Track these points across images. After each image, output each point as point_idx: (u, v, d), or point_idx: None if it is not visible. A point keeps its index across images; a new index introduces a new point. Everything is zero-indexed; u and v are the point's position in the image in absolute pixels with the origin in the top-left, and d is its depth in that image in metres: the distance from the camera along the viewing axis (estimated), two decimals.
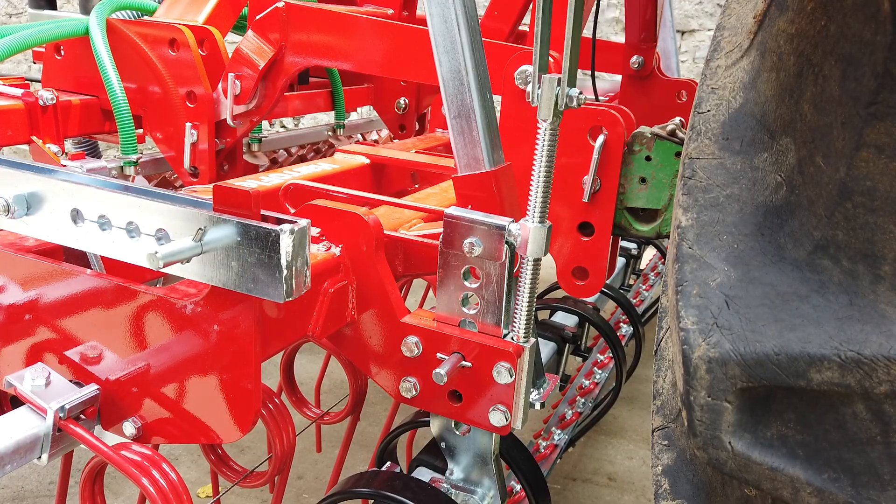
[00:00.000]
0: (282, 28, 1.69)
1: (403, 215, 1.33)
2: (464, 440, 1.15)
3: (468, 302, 1.01)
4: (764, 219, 0.80)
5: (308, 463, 2.39)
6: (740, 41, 0.90)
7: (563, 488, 2.40)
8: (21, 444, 0.96)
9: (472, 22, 1.05)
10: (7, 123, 1.70)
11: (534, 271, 0.94)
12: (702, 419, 0.76)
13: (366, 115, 2.97)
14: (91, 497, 1.08)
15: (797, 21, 0.80)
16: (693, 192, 0.85)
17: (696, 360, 0.76)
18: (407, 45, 1.56)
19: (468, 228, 0.97)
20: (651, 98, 2.31)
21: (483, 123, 1.07)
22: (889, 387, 0.68)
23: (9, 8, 6.84)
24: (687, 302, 0.78)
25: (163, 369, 1.02)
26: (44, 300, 1.08)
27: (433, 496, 1.11)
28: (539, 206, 0.92)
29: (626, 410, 2.85)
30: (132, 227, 0.92)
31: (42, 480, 2.31)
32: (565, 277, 1.58)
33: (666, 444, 0.90)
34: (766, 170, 0.82)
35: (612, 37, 4.92)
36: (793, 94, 0.80)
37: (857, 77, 0.71)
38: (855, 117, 0.71)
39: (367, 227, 1.03)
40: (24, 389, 1.01)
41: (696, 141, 0.88)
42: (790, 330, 0.72)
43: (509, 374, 0.97)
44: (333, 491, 1.16)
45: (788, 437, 0.75)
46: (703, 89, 0.92)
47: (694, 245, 0.82)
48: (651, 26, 2.27)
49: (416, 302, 2.85)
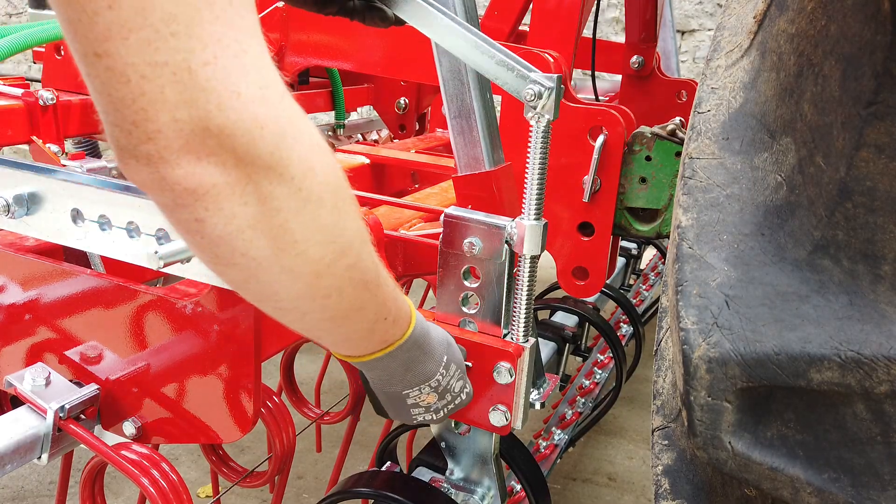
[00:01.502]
0: (282, 28, 1.69)
1: (403, 215, 1.33)
2: (464, 440, 1.15)
3: (468, 301, 1.01)
4: (764, 219, 0.80)
5: (308, 463, 2.39)
6: (740, 41, 0.90)
7: (563, 488, 2.40)
8: (21, 444, 0.96)
9: (473, 22, 1.05)
10: (7, 123, 1.70)
11: (531, 269, 0.94)
12: (702, 419, 0.77)
13: (366, 115, 2.97)
14: (91, 497, 1.08)
15: (797, 21, 0.80)
16: (693, 192, 0.85)
17: (696, 360, 0.76)
18: (407, 45, 1.56)
19: (468, 228, 0.97)
20: (651, 98, 2.31)
21: (483, 123, 1.07)
22: (889, 387, 0.68)
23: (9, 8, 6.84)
24: (687, 302, 0.78)
25: (163, 369, 1.02)
26: (44, 300, 1.08)
27: (433, 496, 1.11)
28: (534, 202, 0.92)
29: (626, 410, 2.85)
30: (132, 227, 0.92)
31: (42, 480, 2.31)
32: (565, 277, 1.58)
33: (666, 444, 0.90)
34: (766, 170, 0.82)
35: (612, 37, 4.92)
36: (793, 94, 0.80)
37: (857, 77, 0.71)
38: (855, 117, 0.71)
39: (367, 227, 1.03)
40: (24, 389, 1.01)
41: (697, 141, 0.88)
42: (790, 330, 0.72)
43: (509, 374, 0.97)
44: (333, 491, 1.16)
45: (788, 437, 0.75)
46: (703, 89, 0.92)
47: (694, 245, 0.82)
48: (651, 26, 2.27)
49: (416, 302, 2.85)
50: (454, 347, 0.97)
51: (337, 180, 0.67)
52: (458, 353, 0.98)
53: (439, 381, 0.94)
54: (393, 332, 0.85)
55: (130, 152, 0.55)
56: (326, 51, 1.66)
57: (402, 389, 0.92)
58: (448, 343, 0.96)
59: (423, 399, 0.94)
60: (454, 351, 0.97)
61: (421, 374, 0.91)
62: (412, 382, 0.92)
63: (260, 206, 0.60)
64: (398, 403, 0.96)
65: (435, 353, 0.92)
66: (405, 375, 0.90)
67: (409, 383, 0.92)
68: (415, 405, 0.95)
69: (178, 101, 0.52)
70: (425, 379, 0.92)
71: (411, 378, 0.91)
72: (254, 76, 0.57)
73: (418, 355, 0.90)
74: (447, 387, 0.95)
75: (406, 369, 0.90)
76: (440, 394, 0.95)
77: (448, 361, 0.94)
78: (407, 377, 0.91)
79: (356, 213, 0.71)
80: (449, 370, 0.94)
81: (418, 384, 0.92)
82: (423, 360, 0.91)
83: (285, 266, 0.64)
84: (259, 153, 0.57)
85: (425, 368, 0.91)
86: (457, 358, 0.97)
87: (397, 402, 0.95)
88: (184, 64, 0.52)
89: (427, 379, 0.92)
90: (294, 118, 0.62)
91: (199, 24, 0.52)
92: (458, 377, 0.97)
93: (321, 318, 0.74)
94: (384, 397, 0.96)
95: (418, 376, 0.92)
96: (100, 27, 0.50)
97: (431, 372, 0.92)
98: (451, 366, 0.95)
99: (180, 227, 0.62)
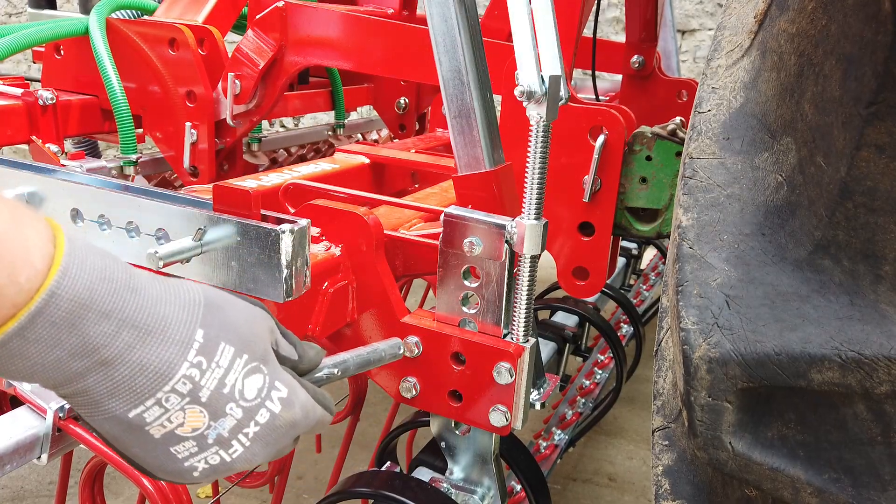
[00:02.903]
0: (282, 27, 1.69)
1: (403, 215, 1.32)
2: (464, 440, 1.15)
3: (468, 301, 1.01)
4: (764, 219, 0.80)
5: (308, 463, 2.39)
6: (741, 41, 0.90)
7: (563, 489, 2.40)
8: (20, 444, 0.95)
9: (473, 21, 1.05)
10: (7, 123, 1.70)
11: (531, 269, 0.94)
12: (702, 419, 0.76)
13: (366, 114, 2.97)
14: (91, 497, 1.08)
15: (798, 21, 0.80)
16: (694, 192, 0.85)
17: (696, 361, 0.76)
18: (407, 45, 1.56)
19: (468, 227, 0.96)
20: (651, 98, 2.30)
21: (483, 123, 1.07)
22: (890, 387, 0.68)
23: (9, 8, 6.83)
24: (687, 302, 0.78)
25: None
26: None
27: (433, 496, 1.11)
28: (535, 202, 0.92)
29: (627, 411, 2.84)
30: (132, 227, 0.92)
31: (42, 480, 2.31)
32: (566, 277, 1.57)
33: (666, 444, 0.90)
34: (766, 169, 0.82)
35: (612, 36, 4.92)
36: (793, 94, 0.80)
37: (857, 77, 0.71)
38: (856, 117, 0.70)
39: (367, 227, 1.03)
40: (24, 389, 1.01)
41: (697, 140, 0.88)
42: (791, 330, 0.72)
43: (509, 375, 0.97)
44: (333, 491, 1.16)
45: (789, 437, 0.75)
46: (703, 89, 0.92)
47: (694, 245, 0.82)
48: (651, 26, 2.27)
49: (416, 302, 2.85)
50: (236, 310, 0.58)
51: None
52: (245, 320, 0.58)
53: (194, 378, 0.54)
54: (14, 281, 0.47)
55: None
56: (326, 51, 1.66)
57: (121, 408, 0.53)
58: (211, 305, 0.56)
59: (175, 422, 0.54)
60: (233, 316, 0.57)
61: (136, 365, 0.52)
62: (126, 389, 0.53)
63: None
64: (139, 442, 0.55)
65: (157, 319, 0.53)
66: (100, 373, 0.52)
67: (121, 392, 0.53)
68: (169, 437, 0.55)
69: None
70: (156, 377, 0.53)
71: (119, 378, 0.52)
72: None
73: (101, 326, 0.51)
74: (222, 390, 0.55)
75: (99, 362, 0.51)
76: (210, 407, 0.55)
77: (213, 337, 0.55)
78: (105, 377, 0.52)
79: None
80: (217, 356, 0.55)
81: (144, 390, 0.53)
82: (118, 335, 0.51)
83: None
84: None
85: (142, 355, 0.52)
86: (237, 331, 0.57)
87: (137, 441, 0.55)
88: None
89: (160, 377, 0.53)
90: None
91: None
92: (250, 370, 0.57)
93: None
94: (111, 433, 0.56)
95: (133, 372, 0.52)
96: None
97: (162, 362, 0.53)
98: (220, 346, 0.55)
99: None
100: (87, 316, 0.50)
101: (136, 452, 0.57)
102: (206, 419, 0.55)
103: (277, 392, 0.59)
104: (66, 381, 0.51)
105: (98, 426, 0.56)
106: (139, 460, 0.58)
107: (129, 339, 0.52)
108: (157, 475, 0.59)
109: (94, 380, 0.52)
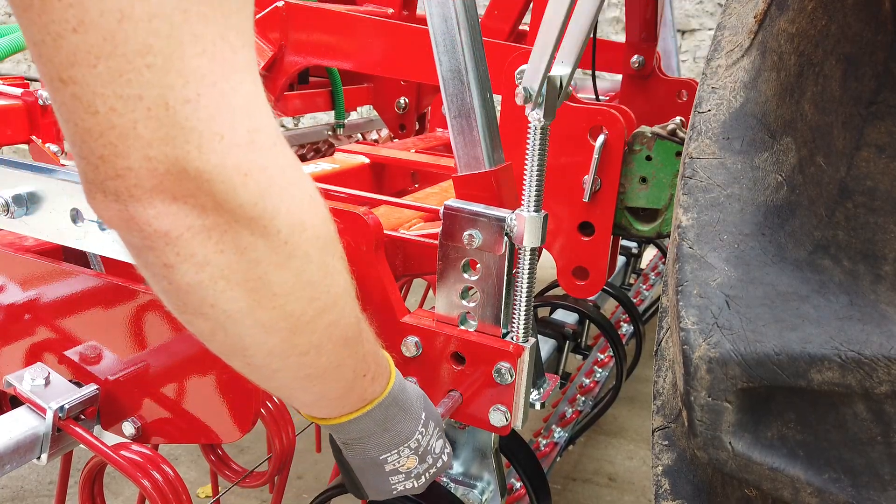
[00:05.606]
0: (281, 27, 1.69)
1: (403, 215, 1.32)
2: (463, 434, 1.15)
3: (468, 295, 1.01)
4: (764, 218, 0.80)
5: (308, 463, 2.39)
6: (741, 41, 0.90)
7: (563, 488, 2.40)
8: (20, 444, 0.96)
9: (473, 21, 1.05)
10: (6, 123, 1.70)
11: (531, 262, 0.94)
12: (702, 419, 0.76)
13: (366, 114, 2.97)
14: (90, 497, 1.08)
15: (798, 20, 0.80)
16: (693, 192, 0.85)
17: (696, 360, 0.76)
18: (407, 45, 1.56)
19: (468, 220, 0.96)
20: (651, 97, 2.30)
21: (483, 123, 1.06)
22: (890, 387, 0.68)
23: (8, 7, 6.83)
24: (687, 302, 0.78)
25: (162, 369, 1.01)
26: (43, 300, 1.08)
27: (432, 490, 1.11)
28: (534, 195, 0.92)
29: (627, 410, 2.85)
30: None
31: (41, 480, 2.31)
32: (566, 277, 1.57)
33: (666, 444, 0.90)
34: (766, 169, 0.82)
35: (612, 36, 4.92)
36: (793, 94, 0.80)
37: (857, 76, 0.71)
38: (856, 117, 0.70)
39: (367, 226, 1.03)
40: (24, 389, 1.01)
41: (697, 140, 0.88)
42: (791, 330, 0.72)
43: (509, 375, 0.97)
44: (333, 484, 1.15)
45: (789, 437, 0.75)
46: (703, 89, 0.92)
47: (694, 245, 0.82)
48: (651, 26, 2.27)
49: (416, 302, 2.85)
50: (430, 404, 0.91)
51: (328, 235, 0.63)
52: (434, 410, 0.91)
53: (419, 440, 0.86)
54: (372, 390, 0.79)
55: (98, 186, 0.51)
56: (326, 50, 1.66)
57: (380, 454, 0.84)
58: (424, 398, 0.89)
59: (402, 464, 0.86)
60: (431, 407, 0.90)
61: (400, 433, 0.84)
62: (390, 445, 0.84)
63: (237, 255, 0.55)
64: (375, 472, 0.86)
65: (413, 410, 0.85)
66: (383, 437, 0.83)
67: (386, 446, 0.84)
68: (394, 472, 0.86)
69: (153, 139, 0.48)
70: (405, 439, 0.84)
71: (389, 439, 0.83)
72: (242, 119, 0.52)
73: (396, 413, 0.83)
74: (427, 447, 0.88)
75: (384, 429, 0.82)
76: (421, 456, 0.87)
77: (426, 419, 0.87)
78: (385, 438, 0.83)
79: (344, 269, 0.67)
80: (428, 428, 0.87)
81: (397, 446, 0.84)
82: (402, 417, 0.84)
83: (259, 320, 0.60)
84: (241, 202, 0.53)
85: (404, 427, 0.84)
86: (434, 415, 0.90)
87: (374, 471, 0.86)
88: (160, 100, 0.48)
89: (406, 439, 0.85)
90: (286, 167, 0.57)
91: (180, 59, 0.47)
92: (437, 436, 0.89)
93: (295, 377, 0.68)
94: (360, 465, 0.87)
95: (397, 437, 0.84)
96: (64, 51, 0.45)
97: (410, 431, 0.85)
98: (429, 423, 0.88)
99: (147, 270, 0.57)
100: (395, 408, 0.83)
101: (367, 478, 0.87)
102: (416, 463, 0.87)
103: (447, 449, 0.93)
104: (367, 445, 0.83)
105: (351, 460, 0.86)
106: (364, 482, 0.88)
107: (403, 417, 0.84)
108: (366, 493, 0.90)
109: (374, 441, 0.83)
